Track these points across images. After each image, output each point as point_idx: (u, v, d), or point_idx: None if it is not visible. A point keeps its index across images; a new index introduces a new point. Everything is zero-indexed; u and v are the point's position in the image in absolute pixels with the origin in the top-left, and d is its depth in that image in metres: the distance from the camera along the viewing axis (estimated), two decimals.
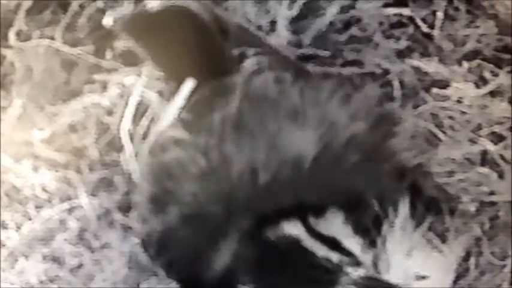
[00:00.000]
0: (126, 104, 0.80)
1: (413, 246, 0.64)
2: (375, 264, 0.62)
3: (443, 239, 0.72)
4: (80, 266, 0.77)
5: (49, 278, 0.76)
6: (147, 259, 0.73)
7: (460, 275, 0.76)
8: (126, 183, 0.78)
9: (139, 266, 0.75)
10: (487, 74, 0.78)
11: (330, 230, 0.64)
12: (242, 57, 0.72)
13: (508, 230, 0.77)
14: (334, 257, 0.62)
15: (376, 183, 0.66)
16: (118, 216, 0.78)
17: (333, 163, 0.66)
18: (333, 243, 0.63)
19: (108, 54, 0.83)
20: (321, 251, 0.63)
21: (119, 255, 0.75)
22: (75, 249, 0.77)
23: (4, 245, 0.77)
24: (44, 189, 0.78)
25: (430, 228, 0.71)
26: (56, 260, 0.77)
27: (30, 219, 0.78)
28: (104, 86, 0.82)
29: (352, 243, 0.63)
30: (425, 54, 0.81)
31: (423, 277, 0.64)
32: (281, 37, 0.80)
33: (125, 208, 0.78)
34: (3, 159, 0.79)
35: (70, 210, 0.78)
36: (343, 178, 0.66)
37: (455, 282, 0.75)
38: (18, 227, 0.77)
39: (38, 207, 0.78)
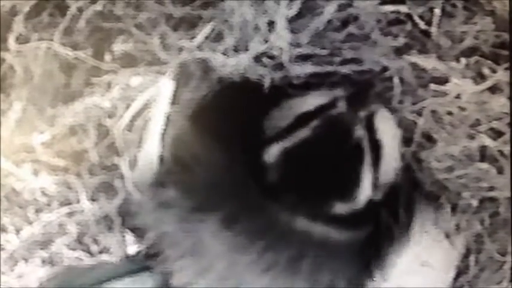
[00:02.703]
0: (127, 106, 0.80)
1: None
2: None
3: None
4: None
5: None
6: None
7: (460, 271, 0.77)
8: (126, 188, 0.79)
9: None
10: (485, 70, 0.78)
11: None
12: None
13: (508, 227, 0.77)
14: None
15: None
16: (118, 221, 0.78)
17: None
18: None
19: (108, 56, 0.83)
20: None
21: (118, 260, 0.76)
22: (74, 253, 0.77)
23: (4, 249, 0.77)
24: (44, 193, 0.79)
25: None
26: (55, 264, 0.77)
27: (30, 223, 0.78)
28: (104, 89, 0.81)
29: None
30: (423, 51, 0.80)
31: None
32: (282, 37, 0.80)
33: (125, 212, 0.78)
34: (3, 163, 0.78)
35: (70, 214, 0.78)
36: None
37: (455, 279, 0.76)
38: (18, 231, 0.78)
39: (38, 211, 0.79)
